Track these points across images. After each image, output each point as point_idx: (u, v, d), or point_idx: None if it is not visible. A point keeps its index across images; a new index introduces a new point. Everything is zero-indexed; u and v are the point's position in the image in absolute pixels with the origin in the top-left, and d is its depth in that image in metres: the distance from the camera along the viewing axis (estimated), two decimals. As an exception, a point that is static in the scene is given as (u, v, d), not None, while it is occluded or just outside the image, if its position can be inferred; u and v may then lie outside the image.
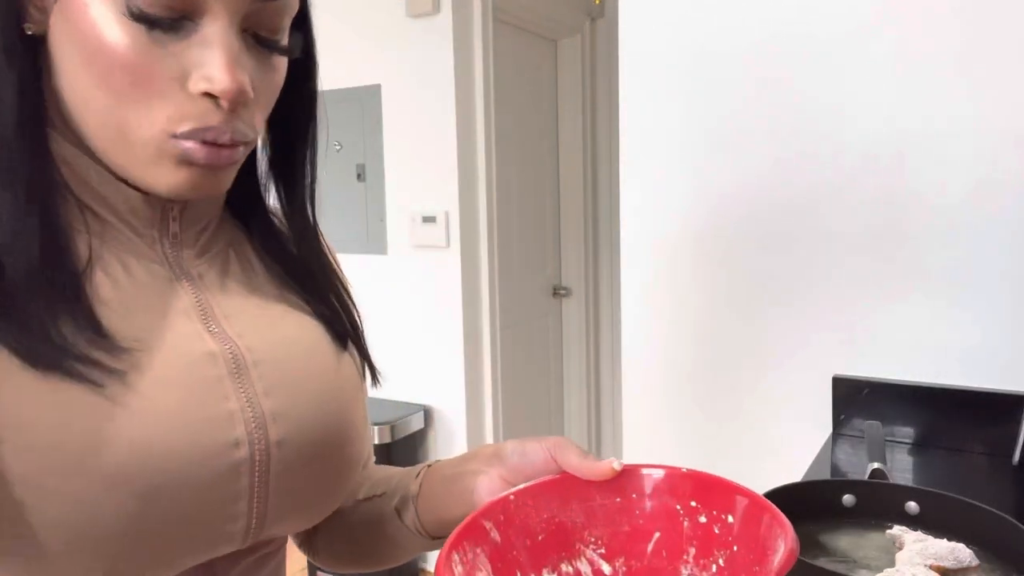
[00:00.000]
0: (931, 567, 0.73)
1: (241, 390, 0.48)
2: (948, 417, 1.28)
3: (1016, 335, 1.25)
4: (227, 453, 0.46)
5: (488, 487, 0.53)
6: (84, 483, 0.41)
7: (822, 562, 0.80)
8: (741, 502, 0.43)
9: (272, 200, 0.60)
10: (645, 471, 0.47)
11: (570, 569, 0.44)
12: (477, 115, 2.68)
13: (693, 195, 1.51)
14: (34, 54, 0.44)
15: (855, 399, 1.35)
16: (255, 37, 0.46)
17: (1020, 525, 0.75)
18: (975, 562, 0.75)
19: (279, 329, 0.54)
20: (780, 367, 1.45)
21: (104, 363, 0.42)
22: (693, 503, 0.45)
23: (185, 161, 0.45)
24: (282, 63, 0.49)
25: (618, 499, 0.46)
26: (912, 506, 0.86)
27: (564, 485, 0.48)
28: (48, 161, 0.45)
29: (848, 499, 0.88)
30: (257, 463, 0.48)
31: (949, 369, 1.30)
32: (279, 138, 0.56)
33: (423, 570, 2.70)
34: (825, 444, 1.33)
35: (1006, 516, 0.77)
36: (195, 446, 0.45)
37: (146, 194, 0.49)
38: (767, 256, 1.44)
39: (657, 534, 0.45)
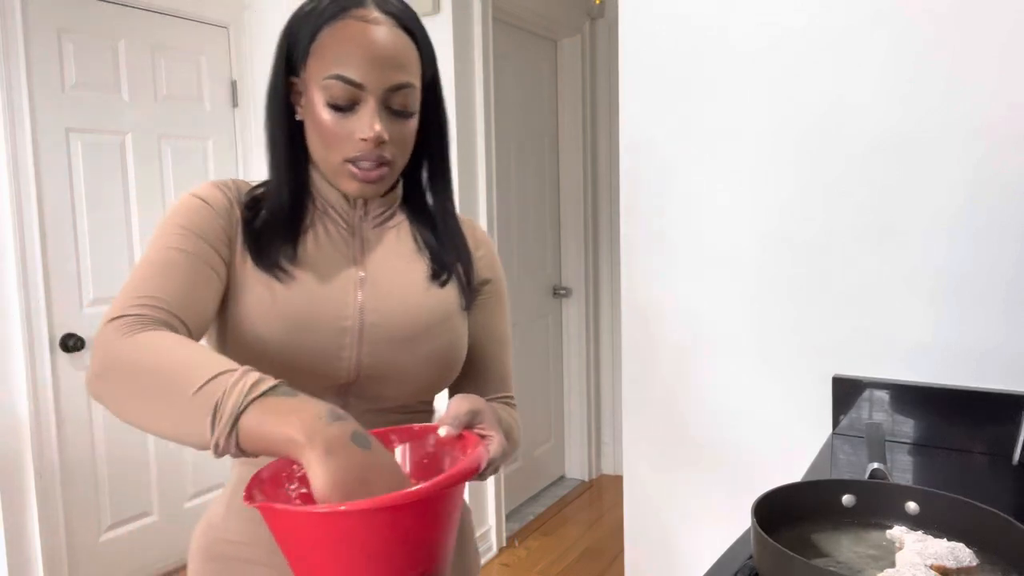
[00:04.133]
0: (931, 567, 0.73)
1: (359, 295, 0.87)
2: (948, 417, 1.28)
3: (1016, 335, 1.25)
4: (340, 322, 0.85)
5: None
6: (267, 321, 0.82)
7: (822, 563, 0.80)
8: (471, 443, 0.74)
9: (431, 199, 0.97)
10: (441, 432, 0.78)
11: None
12: (477, 115, 2.68)
13: (693, 195, 1.51)
14: (301, 128, 0.88)
15: (855, 399, 1.35)
16: (390, 108, 0.85)
17: (1020, 525, 0.75)
18: (975, 562, 0.75)
19: (397, 266, 0.91)
20: (780, 367, 1.45)
21: (289, 272, 0.85)
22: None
23: (356, 178, 0.85)
24: (412, 120, 0.87)
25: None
26: (912, 506, 0.86)
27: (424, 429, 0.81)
28: (307, 176, 0.90)
29: (848, 499, 0.88)
30: (356, 331, 0.86)
31: (949, 369, 1.30)
32: (430, 164, 0.95)
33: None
34: (825, 444, 1.33)
35: (1006, 516, 0.78)
36: (323, 316, 0.85)
37: (344, 194, 0.90)
38: (766, 256, 1.45)
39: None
